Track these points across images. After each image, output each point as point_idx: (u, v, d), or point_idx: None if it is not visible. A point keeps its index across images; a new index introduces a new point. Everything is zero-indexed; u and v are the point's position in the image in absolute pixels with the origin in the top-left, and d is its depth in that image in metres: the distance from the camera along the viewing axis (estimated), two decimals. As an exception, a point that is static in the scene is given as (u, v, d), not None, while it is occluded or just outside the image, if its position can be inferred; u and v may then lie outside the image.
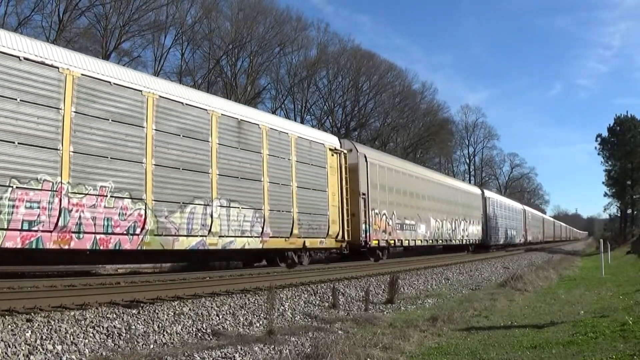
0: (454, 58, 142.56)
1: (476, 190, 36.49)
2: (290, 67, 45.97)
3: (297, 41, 44.48)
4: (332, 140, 17.31)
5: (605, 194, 56.66)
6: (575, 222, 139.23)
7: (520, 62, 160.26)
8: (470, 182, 57.15)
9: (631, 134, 51.00)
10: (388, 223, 20.17)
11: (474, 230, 32.55)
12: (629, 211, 56.45)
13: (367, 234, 18.27)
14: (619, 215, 59.34)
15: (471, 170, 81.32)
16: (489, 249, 34.90)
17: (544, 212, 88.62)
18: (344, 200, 16.92)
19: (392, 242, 20.57)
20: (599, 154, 55.16)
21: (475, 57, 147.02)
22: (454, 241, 28.52)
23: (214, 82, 40.34)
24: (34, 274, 11.23)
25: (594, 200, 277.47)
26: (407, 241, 22.11)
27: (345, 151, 17.44)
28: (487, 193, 37.85)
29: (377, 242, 19.03)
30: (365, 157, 18.99)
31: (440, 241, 26.52)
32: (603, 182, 55.99)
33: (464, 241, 30.51)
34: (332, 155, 16.61)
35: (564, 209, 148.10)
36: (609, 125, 54.00)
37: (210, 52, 39.69)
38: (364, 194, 18.34)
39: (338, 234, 16.42)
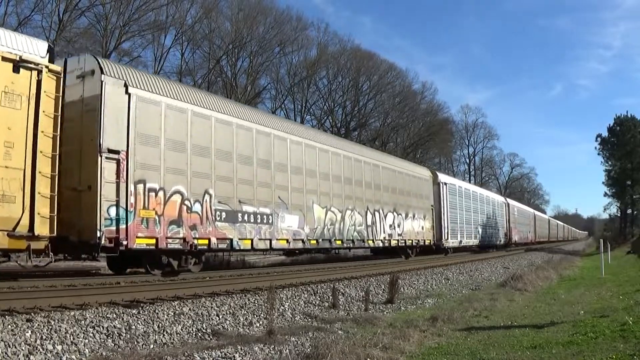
0: (455, 58, 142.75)
1: (422, 171, 26.61)
2: (290, 67, 46.12)
3: (297, 41, 44.64)
4: (9, 43, 8.86)
5: (605, 194, 56.83)
6: (576, 222, 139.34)
7: (521, 62, 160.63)
8: (470, 182, 54.22)
9: (631, 134, 51.08)
10: (188, 208, 11.86)
11: (418, 228, 24.00)
12: (629, 211, 56.53)
13: (123, 226, 10.32)
14: (619, 215, 59.44)
15: (471, 170, 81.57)
16: (446, 253, 27.11)
17: (543, 211, 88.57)
18: (44, 158, 8.88)
19: (205, 242, 12.30)
20: (599, 154, 55.36)
21: (476, 57, 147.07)
22: (369, 242, 19.64)
23: (214, 82, 40.41)
24: (34, 274, 11.23)
25: (594, 200, 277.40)
26: (247, 241, 13.45)
27: (58, 69, 9.29)
28: (443, 177, 28.40)
29: (153, 241, 11.00)
30: (125, 86, 10.78)
31: (339, 242, 17.58)
32: (603, 182, 56.17)
33: (395, 242, 21.65)
34: (15, 72, 8.68)
35: (564, 209, 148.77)
36: (609, 125, 54.21)
37: (210, 52, 39.76)
38: (115, 152, 10.40)
39: (19, 222, 8.52)
